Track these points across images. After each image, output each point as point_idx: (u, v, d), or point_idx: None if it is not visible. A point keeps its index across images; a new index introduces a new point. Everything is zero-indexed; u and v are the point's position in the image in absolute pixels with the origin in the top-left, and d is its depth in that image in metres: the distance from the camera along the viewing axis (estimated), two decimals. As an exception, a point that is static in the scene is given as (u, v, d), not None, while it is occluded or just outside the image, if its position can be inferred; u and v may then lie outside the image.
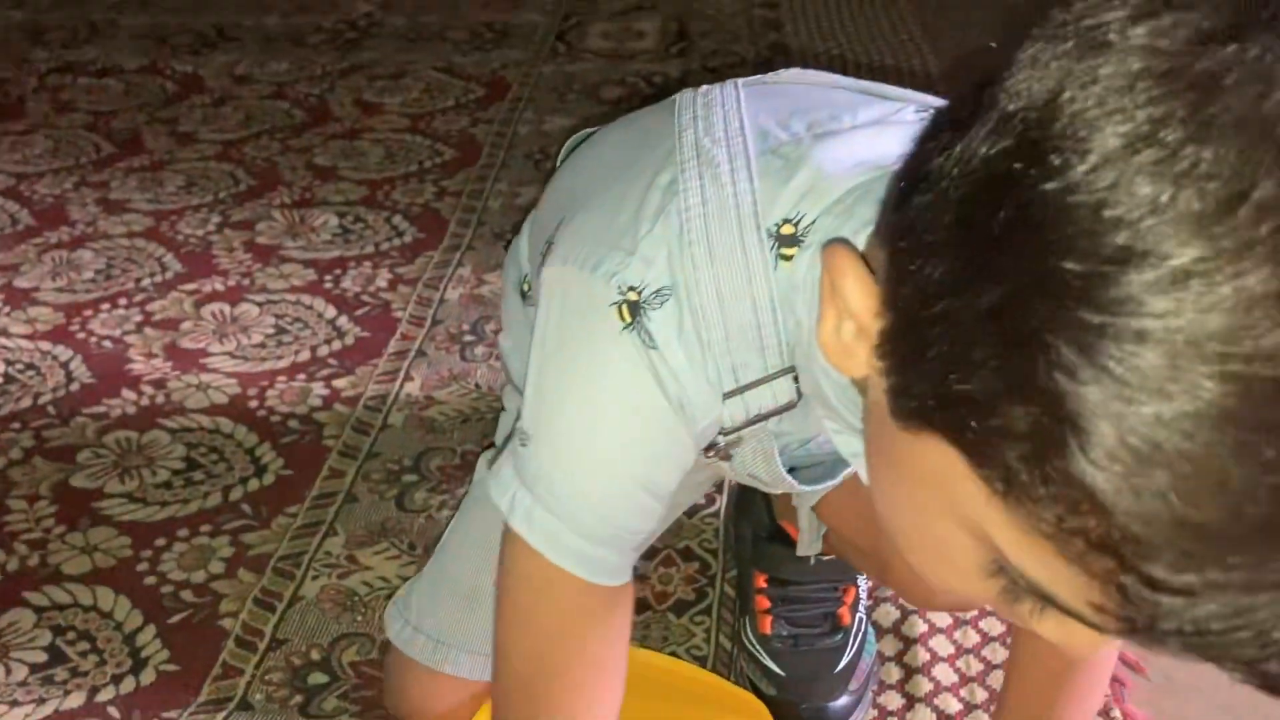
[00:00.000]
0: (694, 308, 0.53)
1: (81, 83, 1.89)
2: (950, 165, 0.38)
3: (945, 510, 0.40)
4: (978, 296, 0.36)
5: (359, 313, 1.34)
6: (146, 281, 1.40)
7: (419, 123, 1.75)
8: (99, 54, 1.98)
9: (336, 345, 1.29)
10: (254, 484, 1.11)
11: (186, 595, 0.99)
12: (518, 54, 1.95)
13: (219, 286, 1.39)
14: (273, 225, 1.51)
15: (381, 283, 1.39)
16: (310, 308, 1.36)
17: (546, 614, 0.60)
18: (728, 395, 0.55)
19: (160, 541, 1.05)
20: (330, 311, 1.35)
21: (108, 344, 1.30)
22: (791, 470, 0.66)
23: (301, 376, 1.24)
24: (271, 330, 1.32)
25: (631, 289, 0.53)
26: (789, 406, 0.56)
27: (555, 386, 0.56)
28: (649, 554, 1.02)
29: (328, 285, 1.39)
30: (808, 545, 0.85)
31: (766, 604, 0.94)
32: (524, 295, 0.77)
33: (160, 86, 1.87)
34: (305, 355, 1.28)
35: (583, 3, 2.14)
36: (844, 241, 0.46)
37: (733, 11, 2.10)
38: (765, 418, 0.57)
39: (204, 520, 1.07)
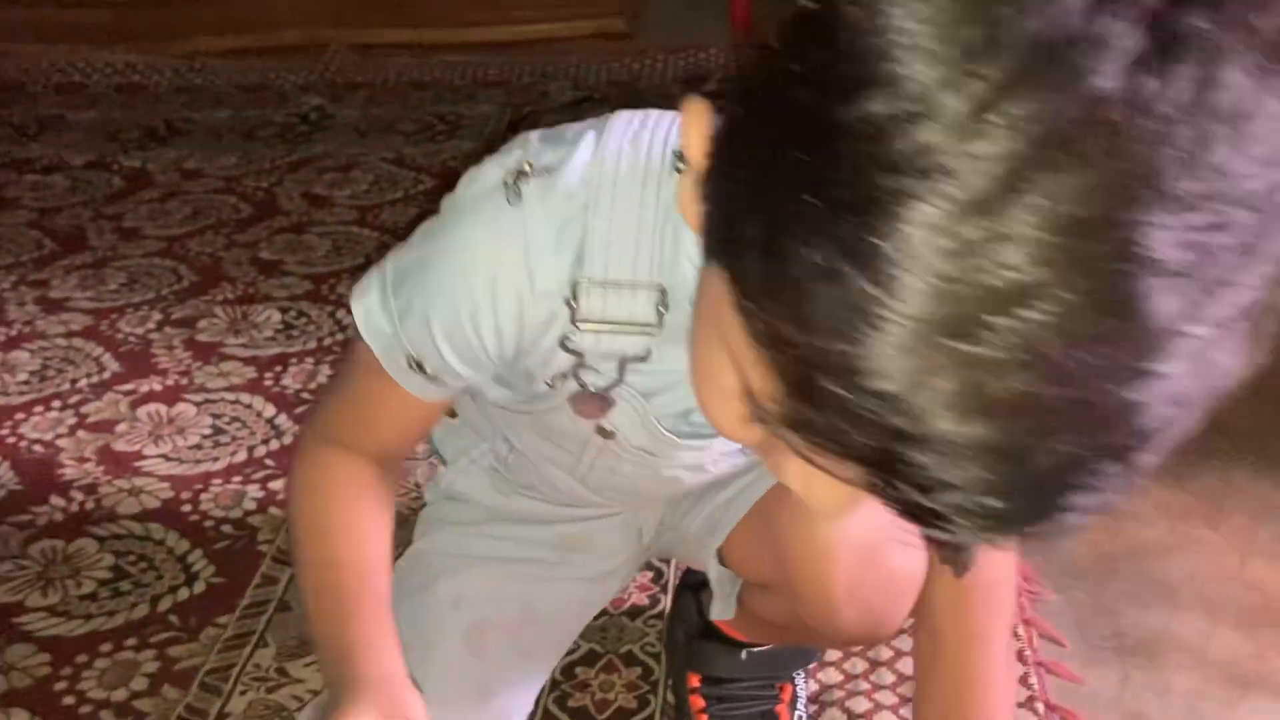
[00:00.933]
0: (579, 187, 0.60)
1: (27, 179, 1.88)
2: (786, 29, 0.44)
3: (718, 339, 0.45)
4: (767, 128, 0.41)
5: (299, 410, 1.32)
6: (83, 382, 1.37)
7: (367, 215, 1.75)
8: (45, 150, 1.97)
9: (274, 445, 1.27)
10: (184, 593, 1.07)
11: (106, 716, 0.95)
12: (468, 145, 1.96)
13: (156, 386, 1.37)
14: (214, 322, 1.49)
15: (323, 379, 1.37)
16: (249, 406, 1.33)
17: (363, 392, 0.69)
18: (592, 284, 0.61)
19: (82, 658, 1.01)
20: (269, 410, 1.32)
21: (38, 448, 1.26)
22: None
23: (237, 479, 1.22)
24: (209, 431, 1.29)
25: (527, 162, 0.61)
26: (645, 326, 0.62)
27: (438, 222, 0.64)
28: (589, 660, 0.99)
29: (268, 383, 1.37)
30: (721, 608, 0.84)
31: (701, 703, 0.91)
32: None
33: (107, 181, 1.86)
34: (242, 456, 1.25)
35: (534, 95, 2.15)
36: (703, 98, 0.51)
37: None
38: (620, 326, 0.62)
39: (129, 633, 1.03)
